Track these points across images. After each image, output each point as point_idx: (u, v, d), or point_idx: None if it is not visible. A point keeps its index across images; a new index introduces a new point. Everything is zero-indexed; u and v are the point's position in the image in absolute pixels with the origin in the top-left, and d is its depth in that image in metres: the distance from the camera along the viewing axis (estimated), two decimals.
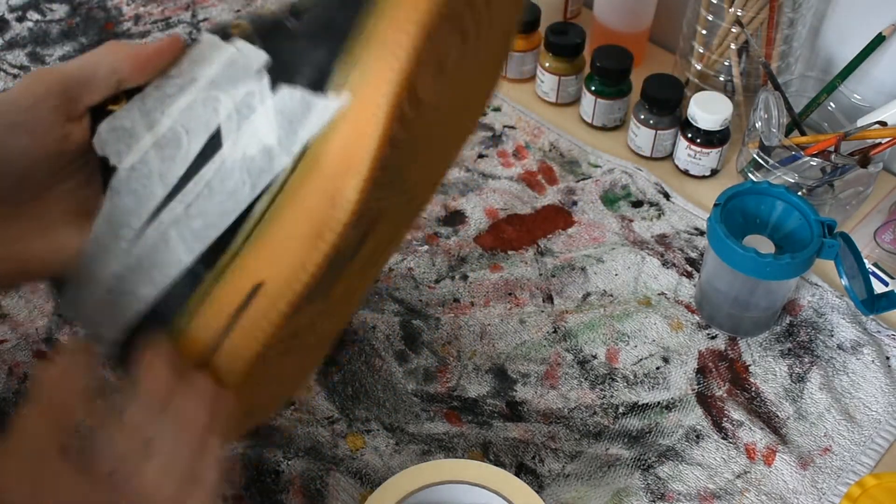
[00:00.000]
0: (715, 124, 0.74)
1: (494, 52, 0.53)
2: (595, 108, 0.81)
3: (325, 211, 0.41)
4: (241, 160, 0.42)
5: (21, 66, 0.85)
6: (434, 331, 0.66)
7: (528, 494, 0.52)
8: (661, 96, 0.76)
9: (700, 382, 0.64)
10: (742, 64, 0.79)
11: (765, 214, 0.65)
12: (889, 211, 0.75)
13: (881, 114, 0.72)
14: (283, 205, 0.42)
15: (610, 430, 0.61)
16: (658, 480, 0.59)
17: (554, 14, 0.91)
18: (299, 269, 0.42)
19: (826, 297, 0.68)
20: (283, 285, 0.42)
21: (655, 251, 0.72)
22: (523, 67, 0.86)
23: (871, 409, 0.62)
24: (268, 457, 0.58)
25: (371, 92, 0.40)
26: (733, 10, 0.76)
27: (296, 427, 0.60)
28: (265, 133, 0.42)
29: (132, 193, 0.44)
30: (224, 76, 0.44)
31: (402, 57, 0.40)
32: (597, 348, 0.65)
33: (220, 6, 0.93)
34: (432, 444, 0.60)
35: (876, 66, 0.77)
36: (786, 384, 0.64)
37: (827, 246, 0.61)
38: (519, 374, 0.64)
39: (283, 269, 0.42)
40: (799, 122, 0.76)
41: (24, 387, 0.61)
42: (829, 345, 0.66)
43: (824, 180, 0.71)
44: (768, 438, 0.60)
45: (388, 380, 0.63)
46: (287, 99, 0.42)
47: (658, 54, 0.90)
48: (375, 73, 0.40)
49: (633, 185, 0.76)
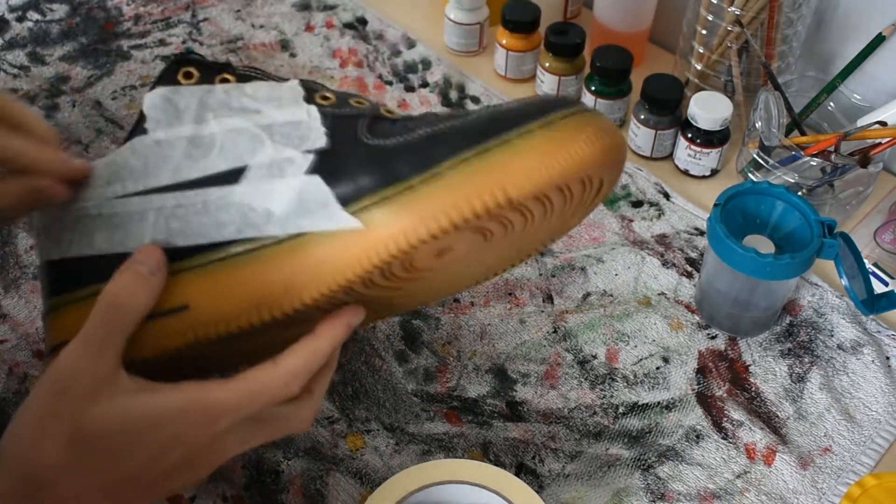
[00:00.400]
0: (715, 124, 0.74)
1: (521, 250, 0.53)
2: (595, 108, 0.81)
3: (278, 291, 0.43)
4: (243, 205, 0.44)
5: (21, 66, 0.85)
6: (434, 331, 0.66)
7: (528, 494, 0.52)
8: (661, 96, 0.76)
9: (700, 382, 0.64)
10: (742, 64, 0.79)
11: (765, 214, 0.65)
12: (889, 211, 0.75)
13: (881, 114, 0.72)
14: (249, 262, 0.44)
15: (610, 430, 0.61)
16: (658, 480, 0.59)
17: (554, 14, 0.91)
18: (229, 319, 0.44)
19: (826, 297, 0.68)
20: (205, 322, 0.44)
21: (655, 251, 0.72)
22: (523, 67, 0.86)
23: (871, 409, 0.62)
24: (268, 457, 0.58)
25: (377, 237, 0.42)
26: (733, 10, 0.76)
27: None
28: (276, 201, 0.44)
29: (143, 161, 0.45)
30: (281, 129, 0.46)
31: (420, 234, 0.42)
32: (597, 348, 0.65)
33: (220, 6, 0.93)
34: (432, 444, 0.60)
35: (876, 66, 0.77)
36: (786, 384, 0.64)
37: (827, 246, 0.61)
38: (519, 374, 0.64)
39: (214, 310, 0.44)
40: (799, 122, 0.76)
41: (24, 387, 0.61)
42: (829, 345, 0.66)
43: (824, 180, 0.71)
44: (768, 438, 0.60)
45: (388, 380, 0.63)
46: (313, 188, 0.44)
47: (658, 54, 0.90)
48: (391, 227, 0.42)
49: (634, 185, 0.76)
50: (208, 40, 0.89)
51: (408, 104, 0.84)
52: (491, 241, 0.45)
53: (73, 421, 0.41)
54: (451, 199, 0.41)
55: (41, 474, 0.41)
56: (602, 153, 0.43)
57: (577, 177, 0.43)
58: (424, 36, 0.91)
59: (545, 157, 0.41)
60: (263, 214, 0.44)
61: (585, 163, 0.42)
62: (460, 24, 0.87)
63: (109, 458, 0.42)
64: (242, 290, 0.44)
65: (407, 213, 0.42)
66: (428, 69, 0.87)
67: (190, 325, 0.44)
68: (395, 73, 0.87)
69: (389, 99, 0.84)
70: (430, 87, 0.85)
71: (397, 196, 0.42)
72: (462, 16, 0.87)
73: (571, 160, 0.42)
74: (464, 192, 0.41)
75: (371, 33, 0.90)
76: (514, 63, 0.85)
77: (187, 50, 0.46)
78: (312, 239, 0.43)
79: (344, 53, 0.88)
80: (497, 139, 0.42)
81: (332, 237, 0.43)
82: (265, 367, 0.44)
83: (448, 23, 0.88)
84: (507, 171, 0.41)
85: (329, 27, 0.91)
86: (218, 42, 0.89)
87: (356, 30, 0.91)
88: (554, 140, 0.42)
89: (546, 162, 0.41)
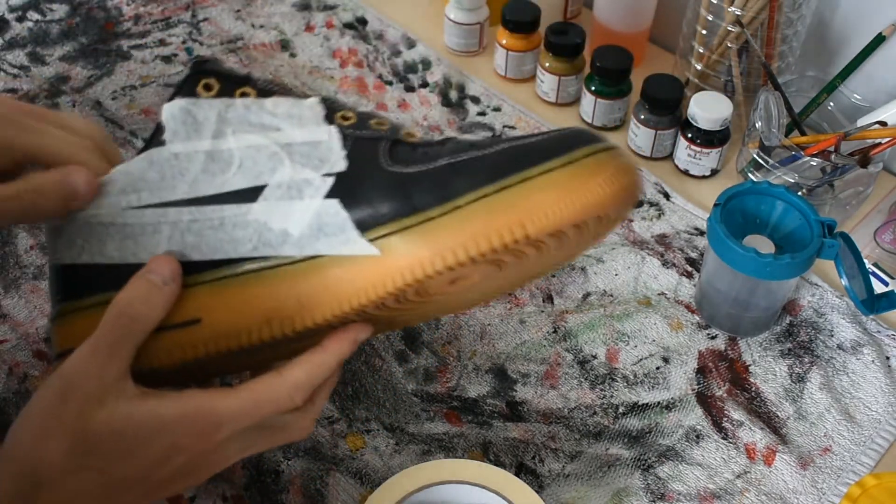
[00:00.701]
0: (715, 124, 0.74)
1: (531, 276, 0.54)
2: (595, 109, 0.81)
3: (290, 309, 0.44)
4: (260, 224, 0.45)
5: (21, 66, 0.85)
6: (434, 331, 0.66)
7: (527, 494, 0.52)
8: (661, 96, 0.76)
9: (700, 382, 0.64)
10: (742, 64, 0.79)
11: (765, 214, 0.65)
12: (889, 211, 0.75)
13: (881, 114, 0.72)
14: (263, 279, 0.44)
15: (610, 430, 0.61)
16: (658, 480, 0.59)
17: (554, 14, 0.91)
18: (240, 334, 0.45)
19: (826, 297, 0.68)
20: (216, 336, 0.45)
21: (655, 251, 0.72)
22: (523, 67, 0.86)
23: (871, 409, 0.62)
24: (268, 457, 0.58)
25: (394, 265, 0.43)
26: (733, 10, 0.76)
27: None
28: (294, 222, 0.44)
29: (160, 173, 0.45)
30: (301, 149, 0.46)
31: (437, 266, 0.42)
32: (597, 348, 0.65)
33: (220, 6, 0.93)
34: (432, 445, 0.60)
35: (876, 66, 0.77)
36: (786, 384, 0.64)
37: (827, 246, 0.61)
38: (519, 374, 0.64)
39: (225, 324, 0.45)
40: (799, 122, 0.76)
41: (23, 387, 0.61)
42: (829, 345, 0.66)
43: (824, 180, 0.71)
44: (768, 438, 0.60)
45: (388, 380, 0.63)
46: (331, 211, 0.44)
47: (658, 54, 0.90)
48: (409, 257, 0.43)
49: None
50: (208, 40, 0.89)
51: (408, 104, 0.84)
52: (504, 271, 0.46)
53: (78, 423, 0.41)
54: (470, 232, 0.42)
55: (43, 473, 0.41)
56: (621, 192, 0.43)
57: (595, 215, 0.43)
58: (424, 36, 0.91)
59: (564, 196, 0.42)
60: (280, 234, 0.44)
61: (604, 202, 0.43)
62: (460, 24, 0.87)
63: (111, 462, 0.42)
64: (255, 307, 0.44)
65: (425, 243, 0.43)
66: (428, 69, 0.87)
67: (201, 338, 0.45)
68: (395, 73, 0.87)
69: (389, 99, 0.84)
70: (430, 87, 0.85)
71: (416, 227, 0.43)
72: (462, 16, 0.87)
73: (590, 200, 0.42)
74: (483, 227, 0.42)
75: (371, 33, 0.91)
76: (514, 63, 0.85)
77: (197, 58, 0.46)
78: (328, 262, 0.44)
79: (344, 53, 0.88)
80: (518, 175, 0.43)
81: (349, 261, 0.44)
82: (270, 378, 0.45)
83: (448, 23, 0.88)
84: (527, 208, 0.42)
85: (329, 27, 0.91)
86: (218, 42, 0.89)
87: (356, 30, 0.91)
88: (574, 178, 0.42)
89: (565, 201, 0.42)
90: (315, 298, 0.44)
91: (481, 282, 0.47)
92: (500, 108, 0.83)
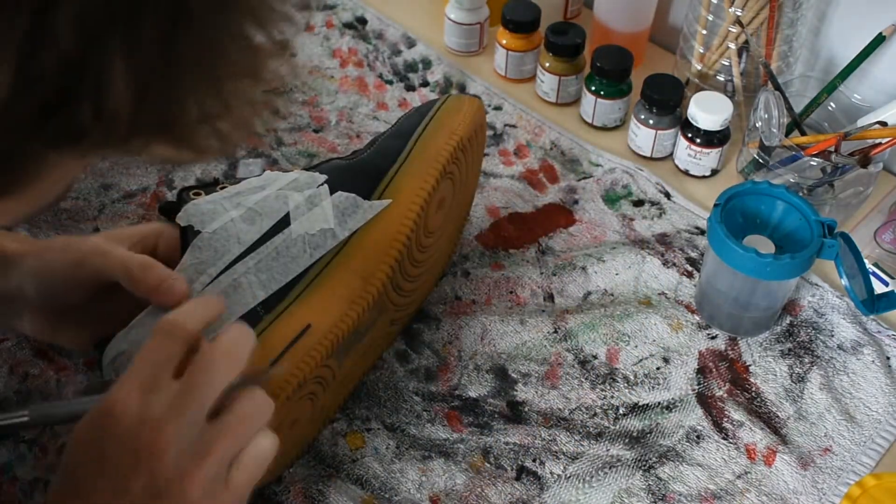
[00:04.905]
0: (715, 124, 0.74)
1: (467, 193, 0.69)
2: (595, 109, 0.81)
3: (357, 287, 0.56)
4: (304, 236, 0.56)
5: None
6: (435, 330, 0.66)
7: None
8: (661, 96, 0.76)
9: (700, 383, 0.64)
10: (742, 64, 0.79)
11: (765, 214, 0.65)
12: (889, 211, 0.75)
13: (881, 114, 0.72)
14: (330, 271, 0.56)
15: (610, 430, 0.61)
16: (659, 481, 0.59)
17: (554, 14, 0.91)
18: (339, 320, 0.55)
19: (826, 297, 0.68)
20: (327, 329, 0.54)
21: (656, 250, 0.72)
22: (523, 67, 0.86)
23: (871, 409, 0.62)
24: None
25: (404, 199, 0.59)
26: (733, 10, 0.76)
27: None
28: (325, 219, 0.57)
29: (212, 249, 0.55)
30: (291, 185, 0.59)
31: (427, 185, 0.60)
32: (597, 348, 0.65)
33: None
34: (433, 451, 0.60)
35: (876, 66, 0.77)
36: (786, 384, 0.64)
37: (827, 246, 0.61)
38: (520, 374, 0.64)
39: (327, 319, 0.54)
40: (799, 122, 0.76)
41: (24, 386, 0.61)
42: (829, 345, 0.66)
43: (824, 180, 0.71)
44: (769, 439, 0.60)
45: (389, 379, 0.63)
46: (342, 199, 0.58)
47: (658, 54, 0.90)
48: (407, 189, 0.59)
49: (635, 185, 0.76)
50: None
51: (408, 103, 0.84)
52: (455, 186, 0.64)
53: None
54: (428, 157, 0.61)
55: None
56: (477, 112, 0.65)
57: (473, 129, 0.64)
58: (424, 36, 0.90)
59: (456, 117, 0.63)
60: (322, 234, 0.57)
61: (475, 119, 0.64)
62: (460, 24, 0.87)
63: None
64: (337, 293, 0.56)
65: (411, 179, 0.60)
66: (428, 68, 0.87)
67: (317, 338, 0.53)
68: (396, 72, 0.87)
69: (390, 98, 0.84)
70: (430, 86, 0.85)
71: (396, 176, 0.60)
72: (462, 16, 0.87)
73: (467, 119, 0.64)
74: (432, 152, 0.61)
75: (371, 33, 0.90)
76: (514, 63, 0.85)
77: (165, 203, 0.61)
78: (364, 230, 0.58)
79: (344, 53, 0.88)
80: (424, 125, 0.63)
81: (376, 219, 0.58)
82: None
83: (448, 23, 0.87)
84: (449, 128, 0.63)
85: (329, 27, 0.91)
86: None
87: (356, 29, 0.91)
88: (451, 112, 0.64)
89: (458, 120, 0.63)
90: (369, 264, 0.57)
91: (450, 202, 0.63)
92: (501, 107, 0.83)
